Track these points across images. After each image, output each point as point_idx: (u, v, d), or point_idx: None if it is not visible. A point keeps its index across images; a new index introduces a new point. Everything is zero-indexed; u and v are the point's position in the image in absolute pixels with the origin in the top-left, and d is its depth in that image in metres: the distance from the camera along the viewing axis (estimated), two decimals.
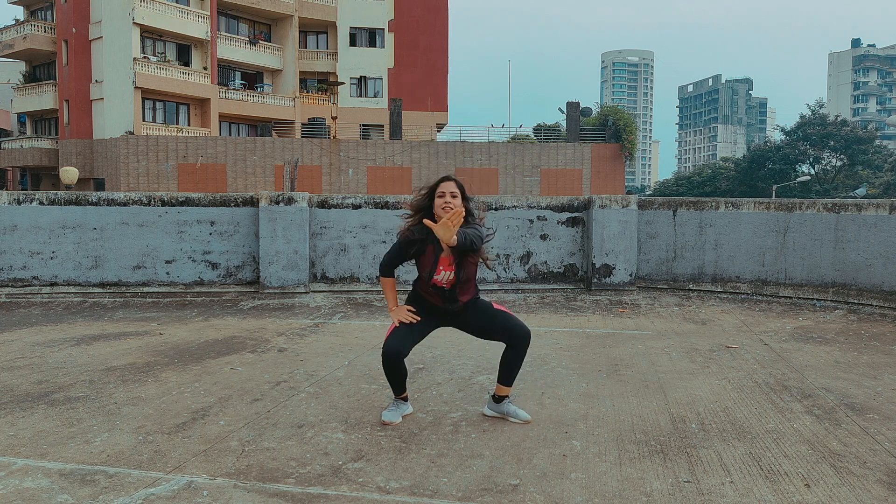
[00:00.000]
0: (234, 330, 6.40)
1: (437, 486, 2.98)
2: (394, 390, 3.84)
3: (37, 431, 3.63)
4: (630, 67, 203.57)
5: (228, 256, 8.29)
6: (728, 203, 8.25)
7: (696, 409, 4.02)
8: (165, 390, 4.39)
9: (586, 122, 39.70)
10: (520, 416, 3.80)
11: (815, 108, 64.46)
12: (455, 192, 3.68)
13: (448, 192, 3.67)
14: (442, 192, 3.68)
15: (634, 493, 2.92)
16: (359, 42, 43.17)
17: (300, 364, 5.09)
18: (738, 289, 8.06)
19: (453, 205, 3.64)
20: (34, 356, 5.31)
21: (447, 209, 3.63)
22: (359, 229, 8.34)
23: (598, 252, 8.27)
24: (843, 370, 4.90)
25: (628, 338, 6.06)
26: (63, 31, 37.30)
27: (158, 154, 33.82)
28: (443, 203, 3.66)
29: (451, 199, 3.66)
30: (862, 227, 7.31)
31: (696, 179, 72.50)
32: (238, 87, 40.06)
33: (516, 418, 3.80)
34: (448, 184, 3.71)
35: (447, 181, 3.72)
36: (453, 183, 3.72)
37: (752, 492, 2.93)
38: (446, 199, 3.66)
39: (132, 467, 3.17)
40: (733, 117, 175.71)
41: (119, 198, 8.22)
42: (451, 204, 3.64)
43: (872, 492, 2.93)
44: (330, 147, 35.40)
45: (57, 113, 39.07)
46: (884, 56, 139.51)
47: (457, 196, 3.68)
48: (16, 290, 8.06)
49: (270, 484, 3.00)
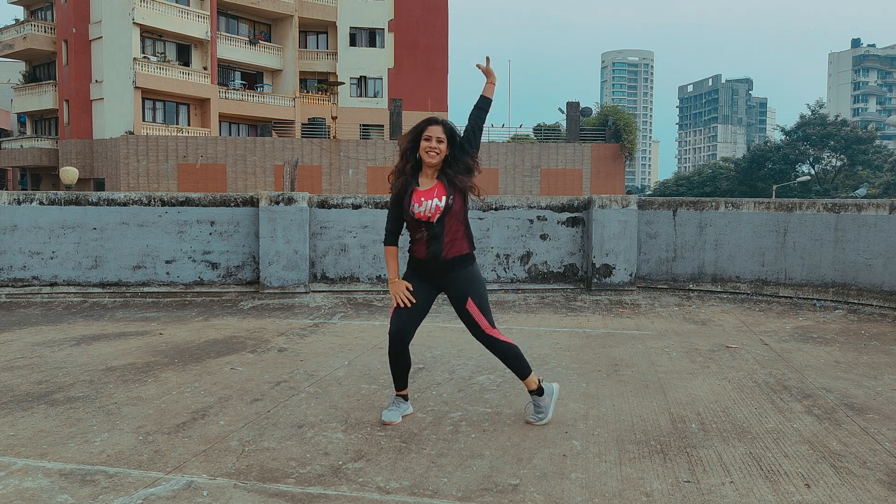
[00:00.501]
0: (234, 330, 6.40)
1: (437, 486, 2.98)
2: (395, 384, 3.82)
3: (37, 431, 3.63)
4: (630, 67, 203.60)
5: (228, 256, 8.29)
6: (728, 203, 8.25)
7: (696, 409, 4.02)
8: (165, 390, 4.39)
9: (586, 122, 39.70)
10: (529, 417, 3.75)
11: (815, 108, 64.47)
12: (441, 136, 3.54)
13: (434, 136, 3.54)
14: (428, 136, 3.55)
15: (634, 493, 2.92)
16: (359, 42, 43.18)
17: (300, 364, 5.09)
18: (738, 289, 8.06)
19: (438, 150, 3.53)
20: (34, 356, 5.31)
21: (432, 154, 3.53)
22: (359, 229, 8.34)
23: (598, 252, 8.27)
24: (843, 370, 4.90)
25: (628, 338, 6.06)
26: (63, 31, 37.30)
27: (158, 154, 33.82)
28: (428, 147, 3.53)
29: (437, 143, 3.53)
30: (862, 227, 7.31)
31: (696, 179, 72.50)
32: (238, 87, 40.07)
33: (531, 417, 3.74)
34: (435, 127, 3.56)
35: (434, 124, 3.57)
36: (440, 127, 3.57)
37: (752, 492, 2.93)
38: (432, 143, 3.53)
39: (132, 467, 3.17)
40: (733, 117, 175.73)
41: (119, 198, 8.22)
42: (437, 149, 3.53)
43: (872, 492, 2.93)
44: (330, 147, 35.40)
45: (57, 113, 39.07)
46: (884, 56, 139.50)
47: (443, 141, 3.54)
48: (16, 290, 8.06)
49: (270, 484, 3.00)
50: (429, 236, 3.59)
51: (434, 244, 3.59)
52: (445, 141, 3.56)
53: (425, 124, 3.60)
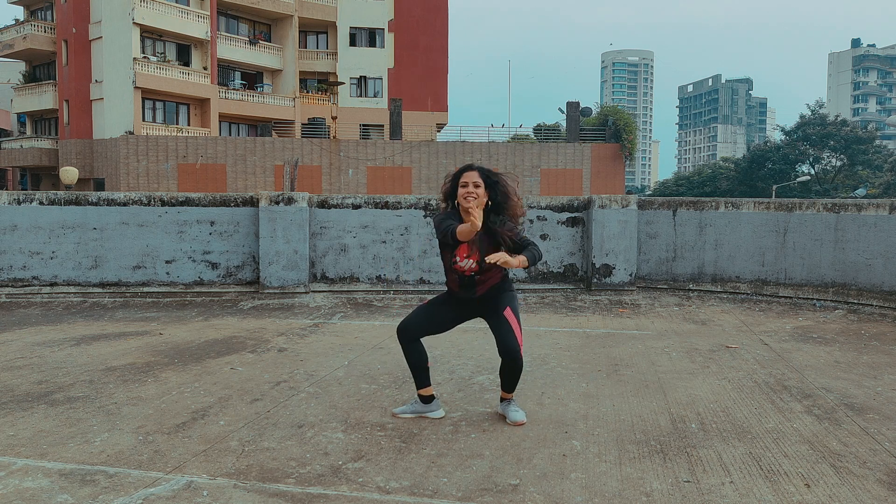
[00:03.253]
0: (234, 330, 6.40)
1: (437, 486, 2.98)
2: (415, 381, 3.86)
3: (37, 431, 3.63)
4: (630, 67, 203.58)
5: (228, 256, 8.29)
6: (728, 203, 8.25)
7: (696, 409, 4.02)
8: (165, 390, 4.39)
9: (586, 122, 39.69)
10: (510, 417, 3.79)
11: (815, 108, 64.47)
12: (478, 181, 3.64)
13: (471, 181, 3.65)
14: (465, 182, 3.66)
15: (634, 492, 2.92)
16: (359, 42, 43.16)
17: (300, 364, 5.09)
18: (738, 289, 8.06)
19: (476, 194, 3.63)
20: (34, 356, 5.31)
21: (469, 199, 3.62)
22: (359, 229, 8.34)
23: (597, 252, 8.27)
24: (843, 370, 4.90)
25: (628, 338, 6.06)
26: (63, 31, 37.29)
27: (158, 154, 33.81)
28: (465, 193, 3.63)
29: (474, 188, 3.64)
30: (862, 227, 7.31)
31: (696, 179, 72.48)
32: (238, 87, 40.05)
33: (509, 418, 3.80)
34: (471, 173, 3.68)
35: (470, 171, 3.69)
36: (476, 172, 3.68)
37: (752, 492, 2.93)
38: (469, 189, 3.63)
39: (132, 467, 3.17)
40: (733, 117, 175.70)
41: (119, 198, 8.22)
42: (474, 193, 3.63)
43: (872, 492, 2.93)
44: (330, 147, 35.40)
45: (57, 113, 39.05)
46: (884, 56, 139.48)
47: (479, 186, 3.64)
48: (16, 290, 8.06)
49: (270, 484, 3.00)
50: (461, 283, 3.77)
51: (467, 288, 3.78)
52: (482, 185, 3.64)
53: (461, 171, 3.72)
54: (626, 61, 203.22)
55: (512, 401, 3.89)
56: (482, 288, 3.77)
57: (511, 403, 3.88)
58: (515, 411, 3.83)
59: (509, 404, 3.87)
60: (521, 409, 3.90)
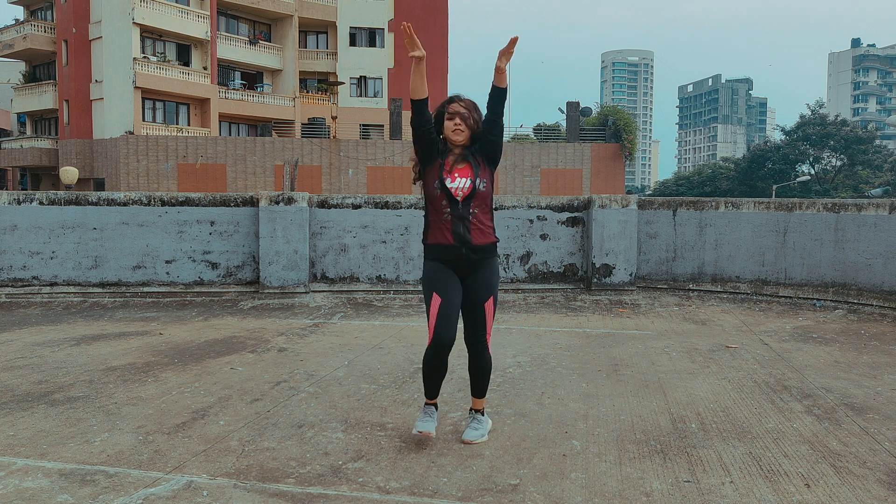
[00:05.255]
0: (234, 330, 6.40)
1: (437, 486, 2.98)
2: (428, 392, 3.52)
3: (37, 431, 3.63)
4: (630, 67, 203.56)
5: (228, 256, 8.29)
6: (728, 203, 8.25)
7: (696, 409, 4.02)
8: (165, 390, 4.39)
9: (586, 122, 39.70)
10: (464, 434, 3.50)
11: (815, 107, 64.53)
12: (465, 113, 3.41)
13: (457, 113, 3.40)
14: (451, 114, 3.40)
15: (634, 492, 2.92)
16: (359, 42, 43.16)
17: (300, 364, 5.08)
18: (738, 289, 8.06)
19: (463, 126, 3.38)
20: (34, 356, 5.31)
21: (457, 132, 3.38)
22: (359, 229, 8.34)
23: (597, 252, 8.27)
24: (843, 370, 4.90)
25: (628, 338, 6.06)
26: (63, 31, 37.29)
27: (158, 154, 33.81)
28: (453, 126, 3.38)
29: (461, 120, 3.39)
30: (862, 227, 7.31)
31: (696, 179, 72.47)
32: (238, 87, 40.05)
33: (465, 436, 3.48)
34: (456, 104, 3.42)
35: (455, 102, 3.43)
36: (462, 103, 3.42)
37: (752, 492, 2.93)
38: (456, 121, 3.38)
39: (132, 467, 3.17)
40: (733, 117, 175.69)
41: (119, 198, 8.22)
42: (461, 126, 3.38)
43: (872, 492, 2.93)
44: (330, 147, 35.40)
45: (57, 113, 39.05)
46: (884, 56, 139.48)
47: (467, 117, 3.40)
48: (16, 290, 8.06)
49: (270, 484, 3.00)
50: (453, 216, 3.37)
51: (461, 226, 3.37)
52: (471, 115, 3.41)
53: (446, 103, 3.46)
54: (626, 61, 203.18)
55: (481, 414, 3.57)
56: (477, 235, 3.40)
57: (475, 417, 3.56)
58: (473, 429, 3.50)
59: (475, 417, 3.56)
60: (482, 425, 3.53)
